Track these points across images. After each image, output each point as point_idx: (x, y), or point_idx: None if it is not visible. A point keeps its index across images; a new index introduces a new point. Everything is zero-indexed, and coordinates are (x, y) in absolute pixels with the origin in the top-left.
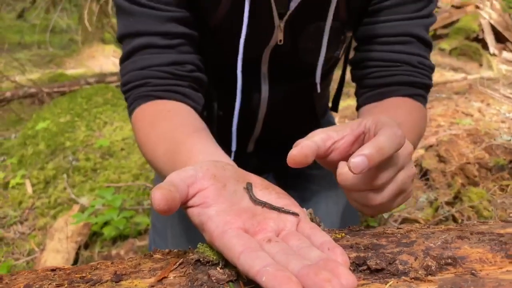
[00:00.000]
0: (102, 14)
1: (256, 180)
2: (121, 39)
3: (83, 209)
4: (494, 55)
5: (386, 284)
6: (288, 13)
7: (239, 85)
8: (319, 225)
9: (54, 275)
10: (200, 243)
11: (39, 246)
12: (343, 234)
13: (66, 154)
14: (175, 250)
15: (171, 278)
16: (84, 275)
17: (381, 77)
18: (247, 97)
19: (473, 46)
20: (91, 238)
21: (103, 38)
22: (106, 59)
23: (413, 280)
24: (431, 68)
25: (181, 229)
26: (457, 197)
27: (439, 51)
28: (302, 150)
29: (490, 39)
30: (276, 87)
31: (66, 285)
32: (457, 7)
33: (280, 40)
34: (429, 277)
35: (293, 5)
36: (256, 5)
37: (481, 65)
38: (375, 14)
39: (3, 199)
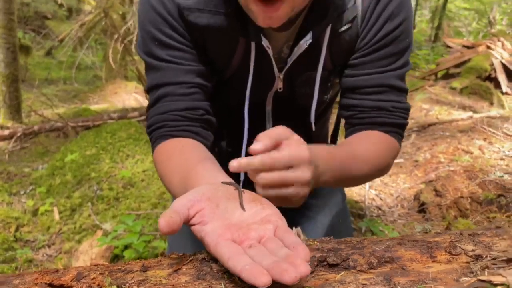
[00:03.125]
0: (126, 52)
1: (245, 195)
2: (149, 91)
3: (106, 234)
4: (506, 93)
5: (338, 274)
6: (286, 67)
7: (246, 125)
8: (300, 237)
9: (97, 268)
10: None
11: (64, 268)
12: (316, 242)
13: (91, 184)
14: (187, 253)
15: (184, 269)
16: (119, 267)
17: (362, 118)
18: (254, 134)
19: (484, 85)
20: (113, 261)
21: (126, 75)
22: (128, 95)
23: (358, 272)
24: (405, 109)
25: (192, 250)
26: (448, 228)
27: (450, 90)
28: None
29: (502, 78)
30: (279, 125)
31: (107, 273)
32: (469, 47)
33: (280, 88)
34: (371, 270)
35: (289, 61)
36: (260, 63)
37: (492, 103)
38: (355, 68)
39: (33, 224)
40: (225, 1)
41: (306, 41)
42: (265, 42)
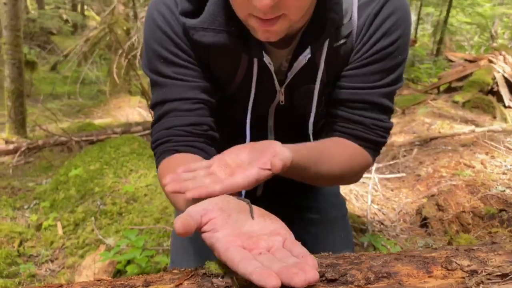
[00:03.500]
0: (130, 67)
1: (255, 210)
2: (153, 107)
3: (109, 249)
4: (509, 107)
5: None
6: (287, 81)
7: (248, 139)
8: None
9: (100, 282)
10: (207, 260)
11: (68, 283)
12: (315, 257)
13: (94, 199)
14: (188, 269)
15: (185, 284)
16: (122, 282)
17: (341, 127)
18: None
19: (486, 99)
20: (115, 276)
21: (130, 89)
22: (132, 109)
23: (356, 287)
24: (385, 128)
25: (195, 265)
26: (450, 243)
27: (452, 104)
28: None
29: (504, 92)
30: (281, 138)
31: None
32: (471, 61)
33: (282, 101)
34: (368, 285)
35: (290, 75)
36: (261, 78)
37: (494, 117)
38: (344, 80)
39: (36, 239)
40: (228, 20)
41: (305, 56)
42: (266, 59)
